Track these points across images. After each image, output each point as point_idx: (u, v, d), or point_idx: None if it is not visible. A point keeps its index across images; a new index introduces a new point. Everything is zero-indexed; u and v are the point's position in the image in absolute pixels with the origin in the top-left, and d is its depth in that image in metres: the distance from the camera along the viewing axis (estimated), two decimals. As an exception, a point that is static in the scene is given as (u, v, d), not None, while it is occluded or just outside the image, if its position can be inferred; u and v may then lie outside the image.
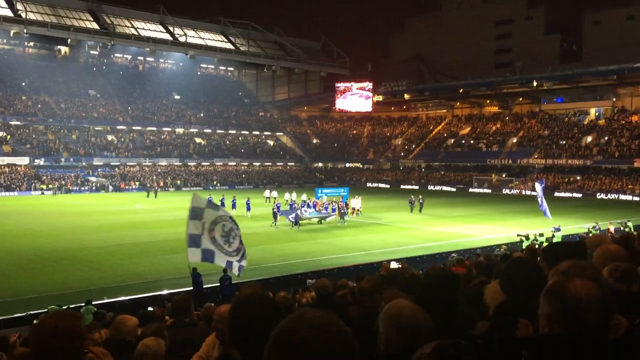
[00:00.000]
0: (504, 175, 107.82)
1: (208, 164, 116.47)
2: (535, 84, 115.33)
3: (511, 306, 4.32)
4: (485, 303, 4.95)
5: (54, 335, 3.78)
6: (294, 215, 51.23)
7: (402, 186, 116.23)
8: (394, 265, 8.88)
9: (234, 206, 55.75)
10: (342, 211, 54.37)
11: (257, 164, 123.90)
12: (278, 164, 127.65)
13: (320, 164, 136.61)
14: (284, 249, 39.20)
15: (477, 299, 5.18)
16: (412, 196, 63.92)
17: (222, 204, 56.34)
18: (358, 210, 58.67)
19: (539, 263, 4.79)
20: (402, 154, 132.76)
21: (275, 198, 58.50)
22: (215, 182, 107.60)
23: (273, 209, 53.86)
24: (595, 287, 3.31)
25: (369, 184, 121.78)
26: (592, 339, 3.19)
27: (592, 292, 3.26)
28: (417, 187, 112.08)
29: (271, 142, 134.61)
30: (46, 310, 18.11)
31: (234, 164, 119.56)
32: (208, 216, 18.85)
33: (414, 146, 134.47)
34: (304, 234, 47.23)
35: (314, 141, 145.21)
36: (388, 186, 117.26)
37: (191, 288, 24.42)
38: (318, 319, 2.60)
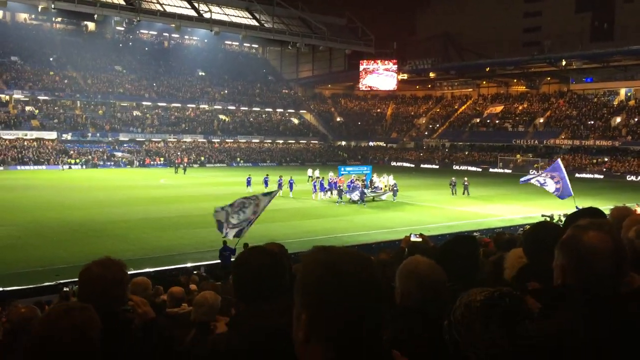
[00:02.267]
0: (530, 156, 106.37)
1: (232, 140, 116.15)
2: (564, 63, 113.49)
3: (533, 269, 4.28)
4: (504, 278, 4.93)
5: (99, 282, 3.94)
6: (358, 192, 52.11)
7: (423, 165, 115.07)
8: (414, 238, 8.60)
9: (280, 185, 53.78)
10: (394, 189, 55.26)
11: (280, 141, 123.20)
12: (301, 141, 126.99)
13: (343, 143, 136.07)
14: (308, 226, 38.98)
15: (497, 271, 5.16)
16: (454, 178, 61.12)
17: (266, 183, 57.25)
18: (394, 188, 56.75)
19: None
20: (426, 133, 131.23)
21: (318, 177, 58.70)
22: (238, 159, 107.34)
23: (326, 187, 55.72)
24: (610, 239, 3.32)
25: (392, 163, 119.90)
26: (604, 290, 3.19)
27: (606, 244, 3.27)
28: (437, 167, 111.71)
29: (295, 120, 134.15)
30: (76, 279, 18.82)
31: (257, 141, 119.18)
32: (229, 208, 21.15)
33: (438, 125, 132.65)
34: (328, 210, 46.92)
35: (338, 119, 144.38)
36: (412, 165, 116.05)
37: (218, 261, 24.74)
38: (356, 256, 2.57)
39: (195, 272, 22.89)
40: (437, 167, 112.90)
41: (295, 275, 2.53)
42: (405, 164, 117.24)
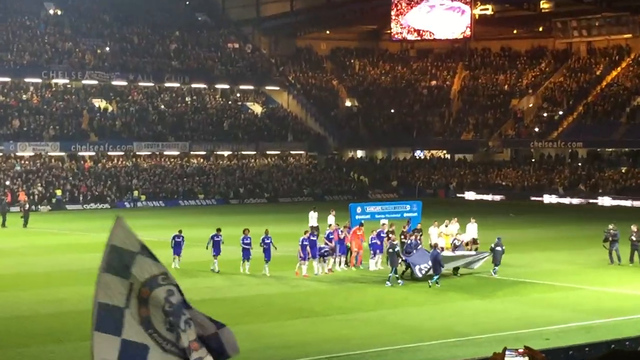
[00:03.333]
0: None
1: (121, 153, 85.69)
2: None
3: None
4: None
5: None
6: (428, 260, 35.08)
7: (533, 197, 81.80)
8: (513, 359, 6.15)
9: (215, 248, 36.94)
10: (497, 248, 37.02)
11: (226, 153, 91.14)
12: (271, 152, 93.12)
13: (359, 153, 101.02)
14: (288, 332, 26.90)
15: None
16: (612, 227, 40.30)
17: (178, 247, 38.06)
18: (474, 243, 40.41)
19: None
20: (537, 130, 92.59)
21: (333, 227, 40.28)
22: (136, 193, 79.69)
23: (325, 246, 37.60)
24: None
25: (464, 194, 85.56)
26: None
27: None
28: (562, 199, 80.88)
29: (256, 107, 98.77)
30: None
31: (175, 152, 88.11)
32: (140, 271, 8.23)
33: (561, 113, 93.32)
34: (333, 298, 33.15)
35: (347, 104, 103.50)
36: (505, 197, 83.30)
37: None
38: None
39: None
40: (563, 199, 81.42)
41: None
42: (493, 197, 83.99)
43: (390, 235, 38.18)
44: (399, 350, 24.51)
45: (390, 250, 35.49)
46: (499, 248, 36.90)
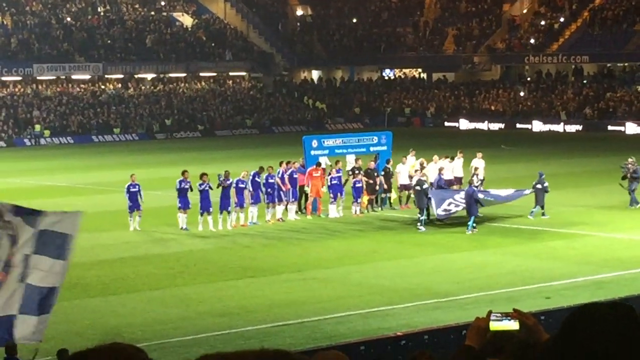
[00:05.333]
0: None
1: (17, 77, 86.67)
2: None
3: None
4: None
5: None
6: (452, 208, 36.40)
7: (520, 125, 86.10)
8: (498, 324, 5.51)
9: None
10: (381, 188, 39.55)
11: (149, 76, 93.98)
12: (205, 74, 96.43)
13: (315, 74, 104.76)
14: (229, 295, 27.38)
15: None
16: (632, 160, 40.76)
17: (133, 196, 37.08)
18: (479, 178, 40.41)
19: None
20: (533, 42, 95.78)
21: (330, 165, 41.65)
22: (38, 128, 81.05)
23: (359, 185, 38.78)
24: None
25: (450, 123, 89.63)
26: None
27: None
28: (541, 127, 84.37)
29: (185, 20, 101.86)
30: None
31: (85, 76, 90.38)
32: None
33: (562, 20, 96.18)
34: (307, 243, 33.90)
35: (299, 13, 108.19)
36: (500, 125, 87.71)
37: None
38: None
39: None
40: (543, 125, 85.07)
41: None
42: (478, 125, 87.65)
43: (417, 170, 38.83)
44: (364, 315, 24.72)
45: (418, 187, 36.32)
46: (539, 186, 37.72)
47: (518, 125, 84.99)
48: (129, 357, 4.05)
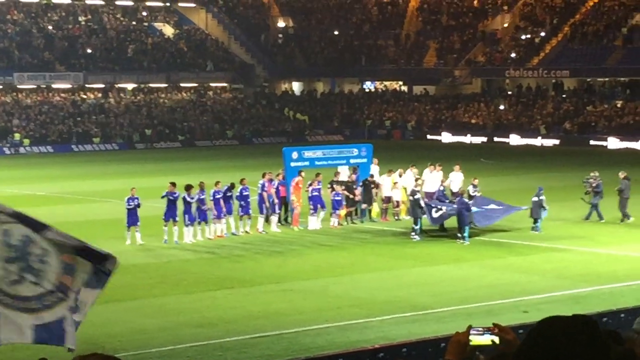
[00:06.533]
0: None
1: None
2: None
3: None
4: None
5: None
6: (443, 208, 36.92)
7: (498, 138, 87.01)
8: (479, 338, 5.63)
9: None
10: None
11: (130, 86, 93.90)
12: (185, 84, 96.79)
13: (296, 85, 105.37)
14: (207, 306, 27.49)
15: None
16: (594, 175, 41.67)
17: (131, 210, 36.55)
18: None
19: None
20: (513, 56, 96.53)
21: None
22: (17, 138, 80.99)
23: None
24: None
25: (432, 136, 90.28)
26: None
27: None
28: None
29: (166, 30, 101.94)
30: None
31: (65, 85, 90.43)
32: None
33: (543, 34, 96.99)
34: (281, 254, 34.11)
35: (280, 25, 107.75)
36: (481, 139, 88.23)
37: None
38: None
39: None
40: (520, 139, 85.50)
41: None
42: (460, 138, 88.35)
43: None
44: (343, 327, 24.73)
45: (411, 198, 36.84)
46: (535, 199, 37.89)
47: (496, 139, 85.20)
48: None
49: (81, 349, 6.80)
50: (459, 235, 35.95)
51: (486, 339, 5.73)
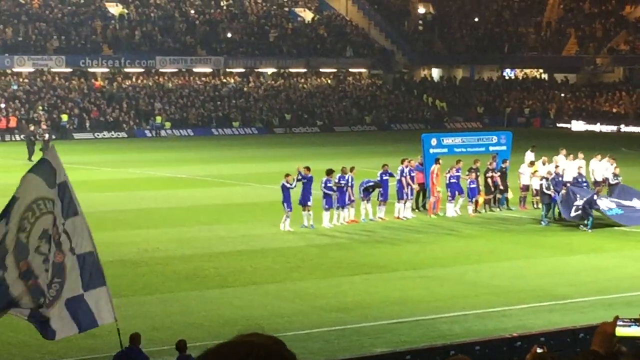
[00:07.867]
0: None
1: (140, 69, 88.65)
2: None
3: None
4: None
5: None
6: (582, 201, 35.93)
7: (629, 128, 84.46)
8: (624, 330, 5.60)
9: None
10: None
11: (269, 70, 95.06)
12: (325, 70, 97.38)
13: (435, 72, 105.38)
14: (344, 291, 27.59)
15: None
16: None
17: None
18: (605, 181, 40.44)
19: None
20: None
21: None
22: (159, 120, 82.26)
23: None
24: None
25: (568, 125, 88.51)
26: None
27: None
28: None
29: (306, 15, 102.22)
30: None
31: (207, 69, 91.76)
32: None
33: None
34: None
35: (420, 11, 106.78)
36: (612, 127, 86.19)
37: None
38: None
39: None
40: None
41: None
42: (589, 127, 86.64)
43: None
44: (480, 315, 24.64)
45: (542, 184, 36.94)
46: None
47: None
48: (269, 350, 4.26)
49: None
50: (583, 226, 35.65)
51: (634, 331, 5.64)
